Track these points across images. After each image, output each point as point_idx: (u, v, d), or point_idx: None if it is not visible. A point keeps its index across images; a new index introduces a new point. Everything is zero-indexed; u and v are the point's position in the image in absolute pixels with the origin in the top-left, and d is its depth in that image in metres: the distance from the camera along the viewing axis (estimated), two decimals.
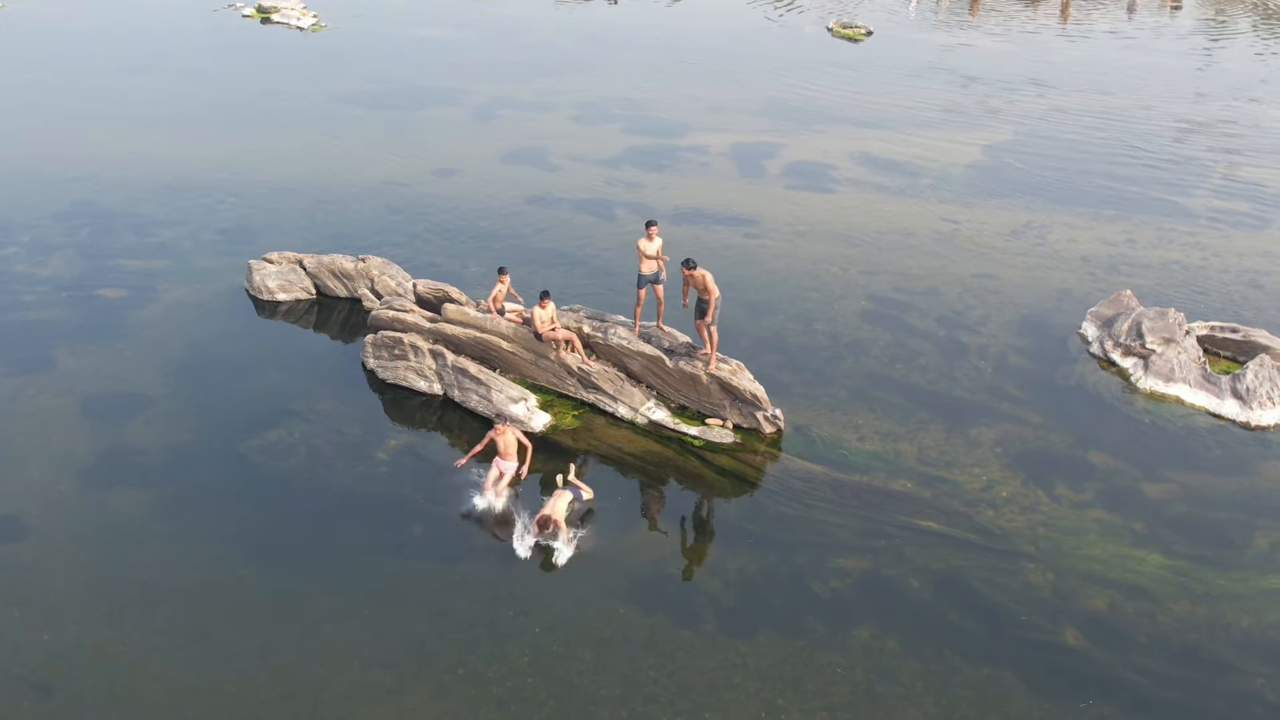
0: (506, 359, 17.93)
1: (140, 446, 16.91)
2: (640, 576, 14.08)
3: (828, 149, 30.44)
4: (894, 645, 13.15)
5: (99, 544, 14.82)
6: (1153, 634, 13.49)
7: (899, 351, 19.72)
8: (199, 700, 12.25)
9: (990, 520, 15.37)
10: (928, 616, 13.60)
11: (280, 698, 12.27)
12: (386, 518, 15.21)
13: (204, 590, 13.93)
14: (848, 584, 14.10)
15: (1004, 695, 12.52)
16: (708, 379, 16.96)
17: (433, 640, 13.06)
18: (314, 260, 21.37)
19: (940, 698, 12.45)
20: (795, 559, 14.50)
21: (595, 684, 12.47)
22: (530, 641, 13.01)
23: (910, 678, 12.70)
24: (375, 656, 12.82)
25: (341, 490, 15.87)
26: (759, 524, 15.25)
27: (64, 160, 28.78)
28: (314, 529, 15.05)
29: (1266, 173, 28.73)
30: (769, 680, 12.54)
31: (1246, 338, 19.09)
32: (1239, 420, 17.51)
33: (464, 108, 33.99)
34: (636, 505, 15.70)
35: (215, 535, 14.97)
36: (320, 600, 13.69)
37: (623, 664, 12.71)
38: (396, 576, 14.07)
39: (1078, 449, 17.02)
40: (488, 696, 12.28)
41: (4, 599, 13.77)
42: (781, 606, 13.71)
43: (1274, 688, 12.73)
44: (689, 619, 13.43)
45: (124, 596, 13.89)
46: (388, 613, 13.47)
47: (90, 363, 19.26)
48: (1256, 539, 15.14)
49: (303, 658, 12.82)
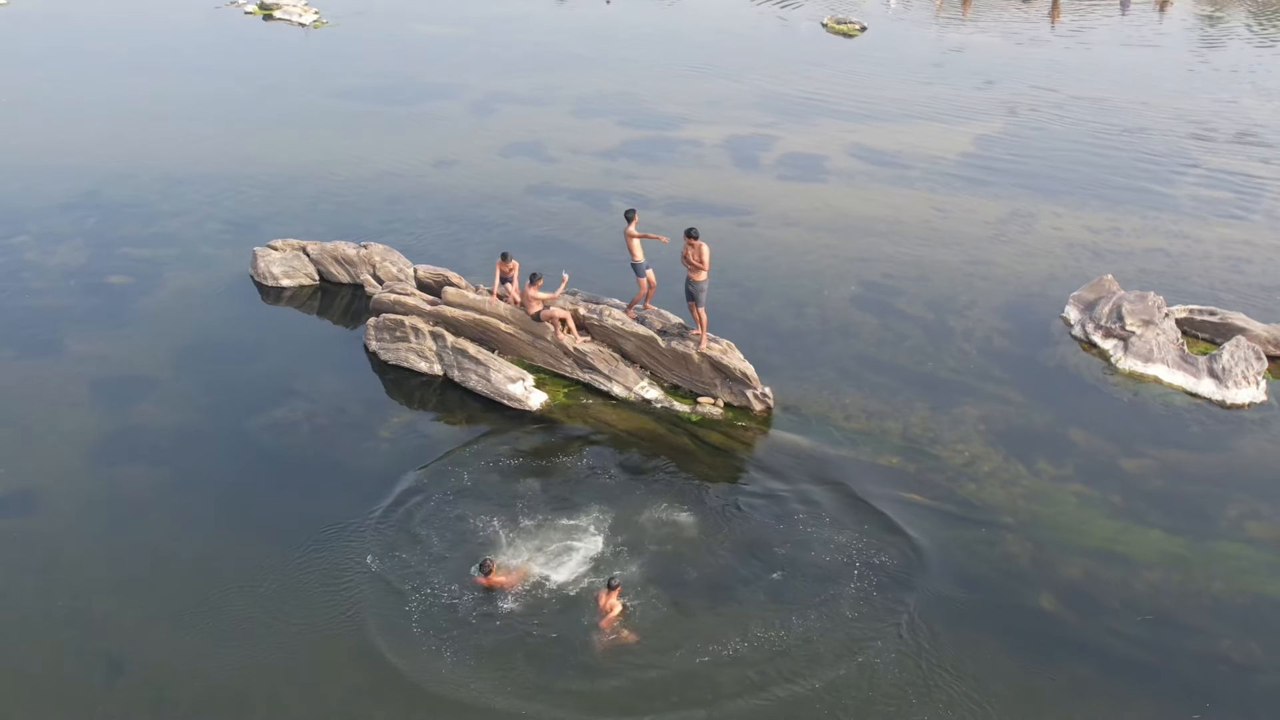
0: (505, 340, 18.47)
1: (149, 425, 17.44)
2: (632, 546, 14.58)
3: (820, 141, 30.97)
4: (876, 610, 13.66)
5: (110, 517, 15.36)
6: (1126, 599, 14.01)
7: (887, 335, 20.25)
8: (207, 664, 12.77)
9: (972, 494, 15.89)
10: (909, 583, 14.11)
11: (285, 666, 12.77)
12: (388, 492, 15.72)
13: (211, 560, 14.46)
14: (832, 553, 14.60)
15: (981, 656, 13.04)
16: (699, 358, 17.49)
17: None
18: (317, 247, 21.91)
19: (920, 660, 12.96)
20: (782, 529, 15.03)
21: (578, 638, 13.02)
22: (528, 604, 13.55)
23: (891, 640, 13.21)
24: (377, 622, 13.35)
25: (345, 466, 16.40)
26: (747, 496, 15.78)
27: (70, 153, 29.32)
28: (318, 503, 15.54)
29: (1250, 164, 29.24)
30: (754, 644, 13.05)
31: (1224, 320, 19.62)
32: (1215, 399, 18.04)
33: (463, 102, 34.52)
34: (629, 479, 16.19)
35: (222, 509, 15.51)
36: (324, 570, 14.20)
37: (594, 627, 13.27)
38: (397, 547, 14.58)
39: (1058, 426, 17.55)
40: (479, 649, 12.85)
41: (19, 568, 14.33)
42: (768, 575, 14.22)
43: (1240, 649, 13.26)
44: (677, 586, 13.94)
45: (134, 566, 14.45)
46: (387, 580, 14.01)
47: (99, 347, 19.77)
48: (1228, 510, 15.66)
49: (308, 625, 13.33)
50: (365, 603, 13.66)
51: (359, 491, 15.72)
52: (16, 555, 14.61)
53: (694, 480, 16.16)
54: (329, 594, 13.80)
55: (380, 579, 14.02)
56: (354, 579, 14.02)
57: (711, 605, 13.70)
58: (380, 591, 13.84)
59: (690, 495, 15.77)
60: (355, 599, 13.71)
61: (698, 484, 16.08)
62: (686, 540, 14.84)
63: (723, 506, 15.58)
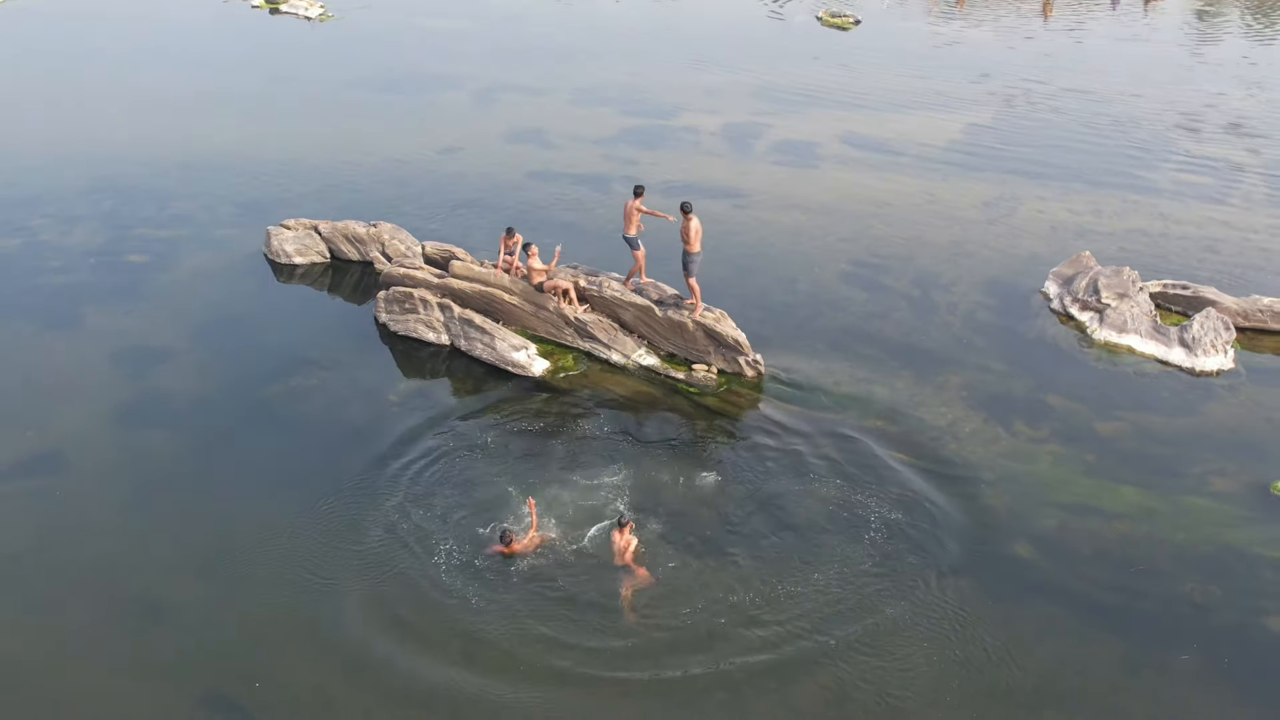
0: (509, 311, 19.35)
1: (169, 392, 18.31)
2: (640, 502, 15.44)
3: (814, 129, 31.86)
4: (860, 557, 14.53)
5: (134, 476, 16.20)
6: (1096, 547, 14.89)
7: (874, 308, 21.14)
8: (227, 613, 13.57)
9: (953, 452, 16.77)
10: (893, 533, 14.98)
11: (307, 618, 13.54)
12: (400, 453, 16.56)
13: (232, 516, 15.28)
14: (820, 506, 15.48)
15: (961, 597, 13.90)
16: (693, 326, 18.38)
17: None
18: (329, 226, 22.80)
19: (902, 601, 13.83)
20: (772, 485, 15.90)
21: (594, 591, 13.89)
22: (543, 560, 14.42)
23: (875, 585, 14.06)
24: (388, 574, 14.21)
25: (358, 428, 17.24)
26: (739, 454, 16.67)
27: (84, 141, 30.21)
28: (331, 462, 16.39)
29: (1233, 151, 30.12)
30: (747, 589, 13.91)
31: (1195, 294, 20.51)
32: (1185, 366, 18.93)
33: (467, 92, 35.42)
34: (631, 439, 17.04)
35: (241, 468, 16.37)
36: (341, 524, 15.03)
37: (611, 572, 14.14)
38: (410, 504, 15.42)
39: (1036, 392, 18.43)
40: (497, 604, 13.72)
41: (47, 524, 15.16)
42: (759, 527, 15.08)
43: (1202, 591, 14.13)
44: (674, 537, 14.80)
45: (157, 522, 15.25)
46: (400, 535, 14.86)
47: (118, 321, 20.64)
48: (1195, 468, 16.52)
49: (324, 579, 14.11)
50: (380, 556, 14.44)
51: (371, 453, 16.54)
52: (47, 510, 15.44)
53: (691, 441, 17.04)
54: (347, 547, 14.58)
55: (394, 533, 14.82)
56: (369, 534, 14.82)
57: (701, 551, 14.55)
58: (394, 545, 14.62)
59: (688, 454, 16.64)
60: (371, 553, 14.50)
61: (695, 444, 16.95)
62: (687, 496, 15.69)
63: (713, 463, 16.46)
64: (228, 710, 12.35)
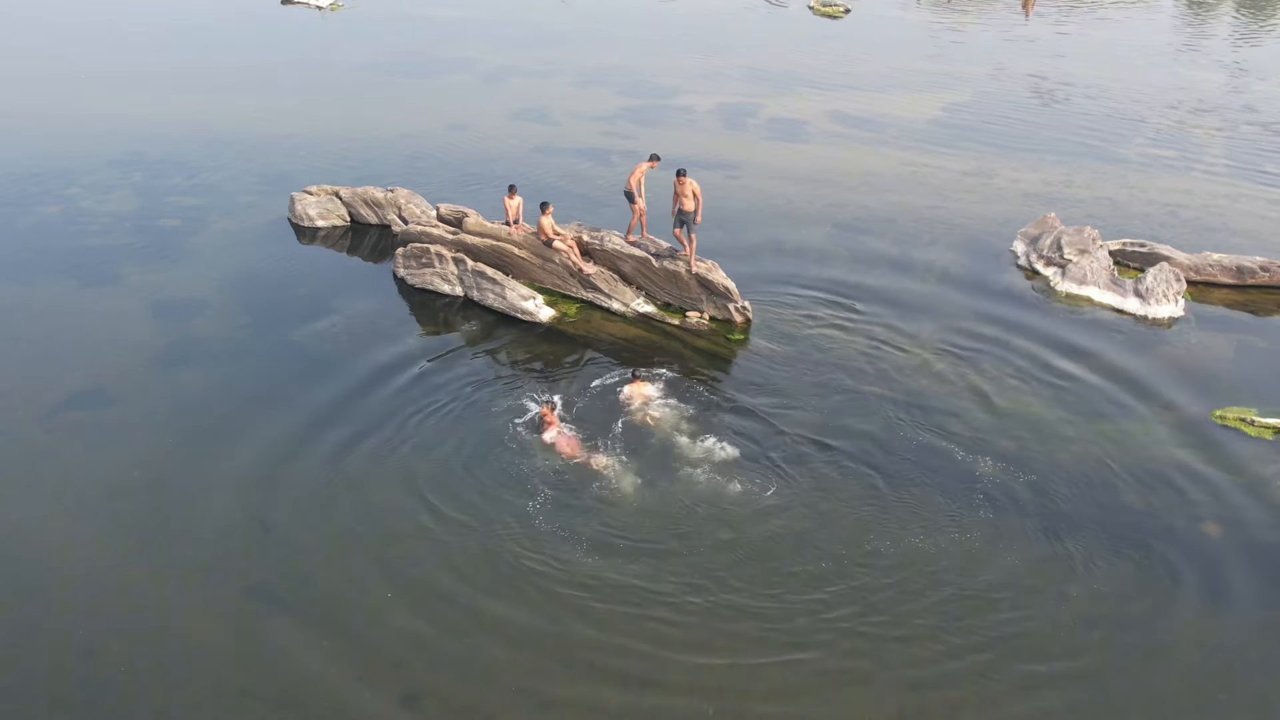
0: (518, 264, 20.99)
1: (204, 337, 19.91)
2: (628, 432, 17.09)
3: (804, 108, 33.55)
4: (836, 474, 16.13)
5: (173, 408, 17.70)
6: (1050, 464, 16.47)
7: (856, 265, 22.78)
8: (262, 532, 15.04)
9: (924, 387, 18.39)
10: (868, 455, 16.54)
11: (340, 533, 14.91)
12: (421, 386, 18.20)
13: (268, 441, 16.79)
14: (802, 432, 17.09)
15: (927, 505, 15.49)
16: (688, 275, 20.03)
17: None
18: (349, 191, 24.46)
19: (875, 509, 15.43)
20: (759, 416, 17.51)
21: (592, 511, 15.53)
22: (537, 486, 16.06)
23: (850, 497, 15.63)
24: (428, 484, 15.86)
25: (382, 366, 18.86)
26: (729, 389, 18.31)
27: (111, 118, 31.90)
28: (353, 394, 17.97)
29: (1198, 130, 31.78)
30: (734, 507, 15.52)
31: (1152, 250, 22.17)
32: (1139, 314, 20.59)
33: (473, 74, 37.11)
34: (626, 377, 18.66)
35: (274, 399, 17.92)
36: (371, 449, 16.63)
37: (606, 497, 15.77)
38: (429, 430, 17.04)
39: (1003, 336, 20.06)
40: (523, 512, 15.36)
41: (96, 451, 16.63)
42: (746, 454, 16.64)
43: (1140, 498, 15.73)
44: (667, 464, 16.42)
45: (197, 446, 16.70)
46: (425, 462, 16.47)
47: (154, 277, 22.24)
48: (1144, 402, 18.16)
49: (357, 500, 15.53)
50: (412, 472, 15.97)
51: (395, 386, 18.16)
52: (94, 438, 16.91)
53: (688, 377, 18.67)
54: (378, 467, 16.14)
55: (424, 450, 16.35)
56: (398, 454, 16.38)
57: (693, 474, 16.18)
58: (426, 463, 16.14)
59: (686, 388, 18.26)
60: (401, 470, 16.04)
61: (692, 380, 18.58)
62: (673, 424, 17.32)
63: (704, 397, 18.08)
64: (268, 599, 13.85)
